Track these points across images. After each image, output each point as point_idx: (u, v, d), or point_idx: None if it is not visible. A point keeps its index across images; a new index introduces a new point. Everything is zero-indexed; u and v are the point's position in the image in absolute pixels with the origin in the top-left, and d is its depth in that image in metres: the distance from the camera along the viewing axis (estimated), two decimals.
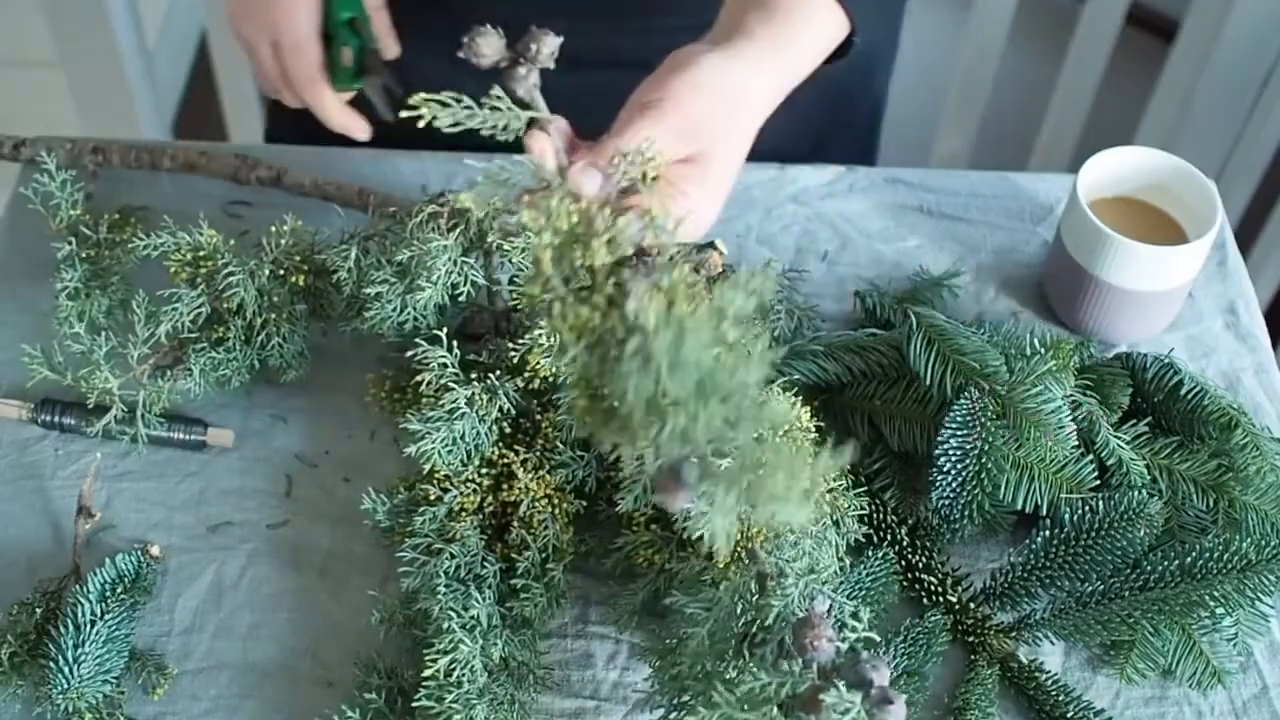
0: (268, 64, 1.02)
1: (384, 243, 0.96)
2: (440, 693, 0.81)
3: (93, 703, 0.85)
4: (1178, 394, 0.95)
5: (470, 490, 0.90)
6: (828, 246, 1.14)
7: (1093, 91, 2.05)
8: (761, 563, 0.77)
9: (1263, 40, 1.83)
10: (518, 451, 0.90)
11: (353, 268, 0.95)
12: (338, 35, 1.00)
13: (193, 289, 0.95)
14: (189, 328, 0.95)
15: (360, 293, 0.95)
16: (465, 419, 0.89)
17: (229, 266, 0.94)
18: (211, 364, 0.96)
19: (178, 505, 0.97)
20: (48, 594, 0.90)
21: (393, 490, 0.93)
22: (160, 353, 0.96)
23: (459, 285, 0.94)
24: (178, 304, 0.94)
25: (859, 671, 0.69)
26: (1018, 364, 0.93)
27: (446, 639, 0.82)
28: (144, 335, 0.94)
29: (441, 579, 0.85)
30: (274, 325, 0.97)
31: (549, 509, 0.90)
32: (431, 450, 0.88)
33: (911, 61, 2.26)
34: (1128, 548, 0.89)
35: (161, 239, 0.95)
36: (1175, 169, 1.06)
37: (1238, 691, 0.91)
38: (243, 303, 0.95)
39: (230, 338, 0.96)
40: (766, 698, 0.69)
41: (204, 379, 0.96)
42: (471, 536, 0.88)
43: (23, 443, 0.99)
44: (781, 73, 0.88)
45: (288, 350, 0.98)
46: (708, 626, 0.76)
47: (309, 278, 0.97)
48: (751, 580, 0.77)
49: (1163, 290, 1.03)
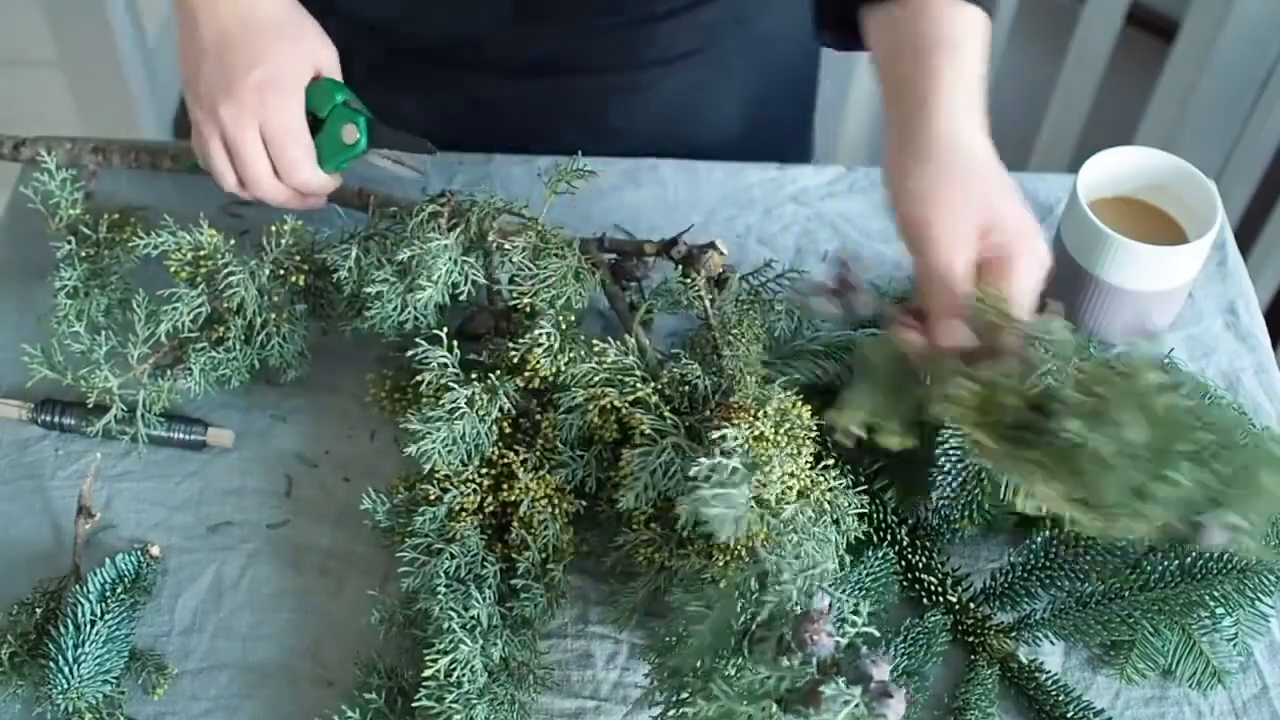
0: (250, 153, 0.96)
1: (384, 242, 0.96)
2: (440, 693, 0.81)
3: (93, 703, 0.85)
4: None
5: (470, 490, 0.90)
6: (828, 246, 1.14)
7: (1093, 91, 2.05)
8: (762, 561, 0.77)
9: (1263, 40, 1.83)
10: (518, 451, 0.90)
11: (353, 267, 0.95)
12: (334, 117, 0.98)
13: (193, 289, 0.95)
14: (189, 327, 0.95)
15: (361, 292, 0.95)
16: (465, 419, 0.89)
17: (229, 266, 0.94)
18: (211, 364, 0.96)
19: (178, 505, 0.97)
20: (48, 594, 0.90)
21: (393, 490, 0.93)
22: (160, 352, 0.96)
23: (459, 285, 0.94)
24: (178, 303, 0.94)
25: (859, 666, 0.70)
26: None
27: (447, 639, 0.82)
28: (144, 335, 0.94)
29: (442, 579, 0.85)
30: (274, 325, 0.97)
31: (549, 509, 0.90)
32: (432, 450, 0.88)
33: None
34: (1128, 548, 0.89)
35: (162, 238, 0.95)
36: (1175, 169, 1.06)
37: (1238, 691, 0.91)
38: (243, 302, 0.95)
39: (230, 337, 0.96)
40: (766, 692, 0.70)
41: (204, 378, 0.96)
42: (472, 536, 0.88)
43: (23, 443, 0.99)
44: (977, 95, 0.90)
45: (288, 350, 0.98)
46: (708, 624, 0.76)
47: (309, 277, 0.97)
48: (752, 578, 0.77)
49: (1163, 290, 1.03)
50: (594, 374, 0.90)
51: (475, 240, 0.95)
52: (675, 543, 0.88)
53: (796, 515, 0.83)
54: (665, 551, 0.89)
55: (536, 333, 0.90)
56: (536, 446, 0.91)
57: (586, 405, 0.90)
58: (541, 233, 0.96)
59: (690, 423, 0.87)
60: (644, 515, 0.89)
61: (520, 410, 0.92)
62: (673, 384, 0.90)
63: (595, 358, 0.90)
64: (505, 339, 0.95)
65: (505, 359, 0.92)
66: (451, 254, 0.93)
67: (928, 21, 0.90)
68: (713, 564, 0.84)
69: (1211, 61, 1.85)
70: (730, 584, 0.78)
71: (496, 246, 0.95)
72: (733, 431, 0.82)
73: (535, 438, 0.92)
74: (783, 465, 0.83)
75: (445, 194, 0.97)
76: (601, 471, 0.92)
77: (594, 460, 0.91)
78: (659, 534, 0.89)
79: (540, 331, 0.90)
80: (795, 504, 0.83)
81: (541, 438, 0.91)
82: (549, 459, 0.90)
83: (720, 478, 0.80)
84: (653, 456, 0.86)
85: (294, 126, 0.96)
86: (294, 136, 0.96)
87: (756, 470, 0.82)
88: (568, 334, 0.92)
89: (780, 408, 0.85)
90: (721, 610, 0.77)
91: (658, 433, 0.87)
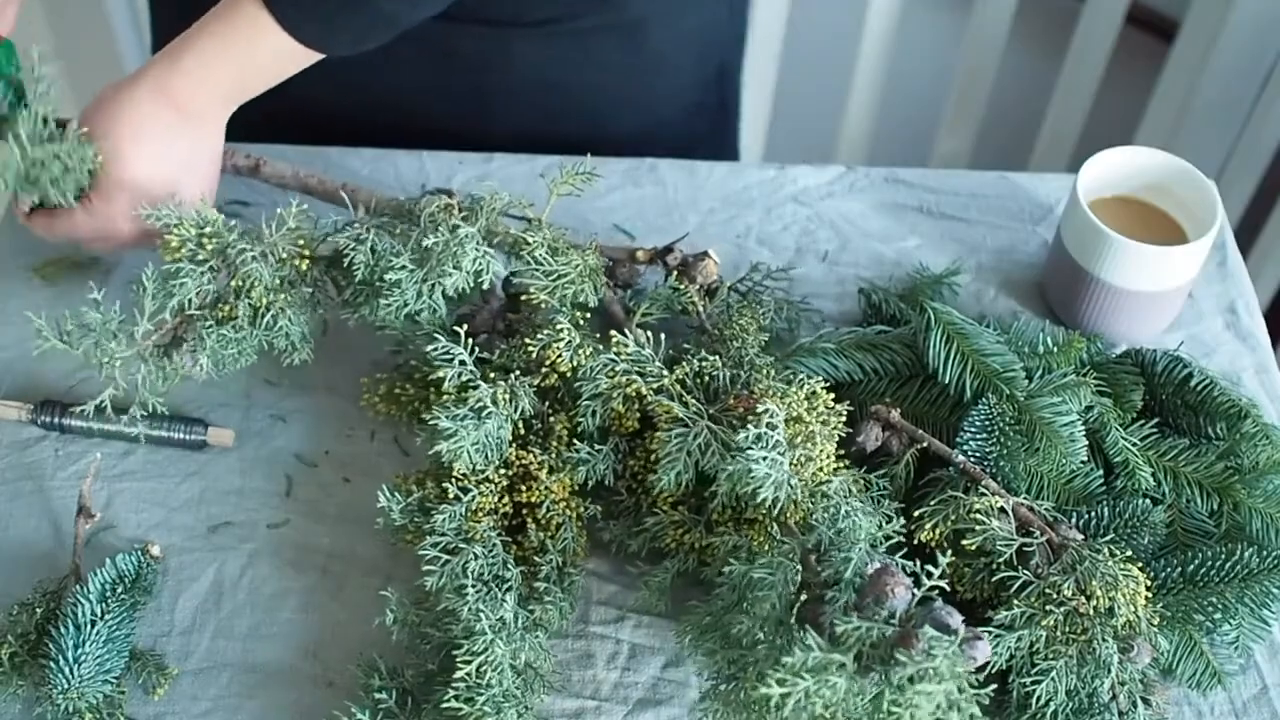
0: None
1: (396, 230, 0.95)
2: (471, 694, 0.81)
3: (93, 703, 0.85)
4: (1187, 386, 0.95)
5: (489, 490, 0.89)
6: (828, 246, 1.14)
7: (1093, 91, 2.05)
8: (818, 527, 0.81)
9: (1263, 40, 1.83)
10: (534, 453, 0.90)
11: (368, 253, 0.94)
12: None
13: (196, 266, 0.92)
14: (195, 304, 0.92)
15: (377, 280, 0.94)
16: (493, 418, 0.89)
17: (240, 245, 0.92)
18: (220, 342, 0.93)
19: (178, 505, 0.97)
20: (48, 594, 0.90)
21: (405, 488, 0.92)
22: (163, 329, 0.93)
23: (483, 273, 0.93)
24: (185, 279, 0.91)
25: (936, 617, 0.73)
26: (1034, 366, 0.94)
27: (479, 640, 0.82)
28: (150, 309, 0.91)
29: (469, 579, 0.85)
30: (282, 306, 0.94)
31: (567, 512, 0.90)
32: (462, 448, 0.88)
33: (912, 61, 2.27)
34: (1132, 555, 0.89)
35: (164, 211, 0.93)
36: (1175, 169, 1.06)
37: (1238, 691, 0.91)
38: (254, 283, 0.92)
39: (239, 316, 0.93)
40: (858, 640, 0.72)
41: (211, 358, 0.93)
42: (493, 537, 0.88)
43: (23, 443, 0.99)
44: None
45: (294, 332, 0.95)
46: (775, 590, 0.78)
47: (310, 265, 0.96)
48: (806, 545, 0.79)
49: (1163, 290, 1.03)
50: (614, 364, 0.90)
51: (486, 236, 0.95)
52: (705, 525, 0.89)
53: (845, 487, 0.84)
54: (695, 533, 0.89)
55: (559, 328, 0.90)
56: (550, 448, 0.91)
57: (610, 394, 0.90)
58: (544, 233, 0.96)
59: (712, 411, 0.88)
60: (671, 498, 0.90)
61: (534, 412, 0.92)
62: (691, 374, 0.90)
63: (615, 348, 0.90)
64: (511, 337, 0.95)
65: (521, 357, 0.92)
66: (476, 242, 0.93)
67: None
68: (752, 539, 0.85)
69: (1211, 61, 1.85)
70: (786, 551, 0.79)
71: (515, 241, 0.95)
72: (774, 406, 0.83)
73: (548, 439, 0.92)
74: (826, 442, 0.85)
75: (439, 191, 0.97)
76: (619, 463, 0.92)
77: (611, 453, 0.91)
78: (688, 515, 0.90)
79: (561, 327, 0.90)
80: (842, 476, 0.85)
81: (555, 439, 0.91)
82: (564, 460, 0.91)
83: (768, 441, 0.82)
84: (689, 438, 0.86)
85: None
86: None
87: (797, 448, 0.83)
88: (582, 331, 0.92)
89: (810, 392, 0.86)
90: (782, 580, 0.77)
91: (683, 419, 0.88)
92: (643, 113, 1.25)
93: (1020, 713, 0.85)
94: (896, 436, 0.92)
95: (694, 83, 1.29)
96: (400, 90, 1.19)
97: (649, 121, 1.26)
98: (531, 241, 0.94)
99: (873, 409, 0.92)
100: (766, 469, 0.81)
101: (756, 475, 0.81)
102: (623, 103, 1.24)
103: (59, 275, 1.07)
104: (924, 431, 0.92)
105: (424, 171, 1.16)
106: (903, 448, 0.91)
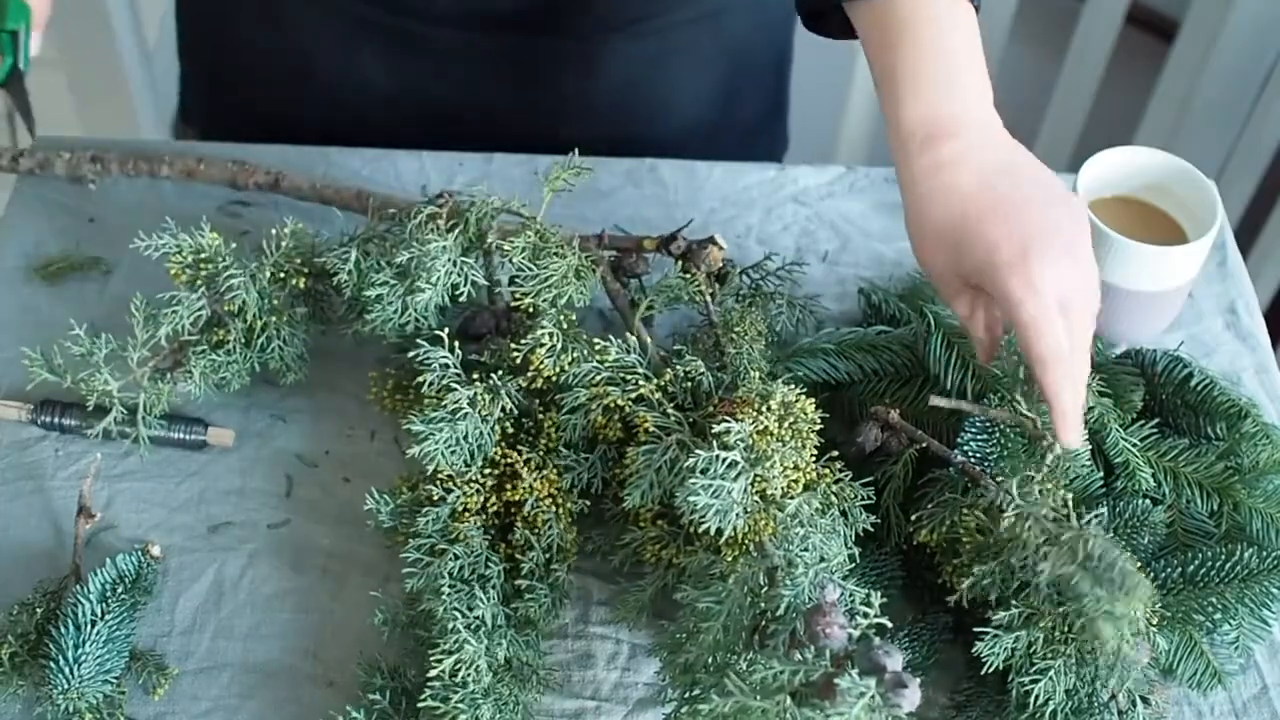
0: None
1: (383, 244, 0.96)
2: (446, 693, 0.81)
3: (93, 703, 0.85)
4: (1187, 386, 0.95)
5: (474, 490, 0.90)
6: (828, 246, 1.14)
7: (1093, 91, 2.05)
8: (771, 555, 0.77)
9: (1263, 40, 1.83)
10: (520, 451, 0.90)
11: (353, 270, 0.95)
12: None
13: (192, 292, 0.94)
14: (189, 330, 0.94)
15: (360, 295, 0.95)
16: (468, 419, 0.89)
17: (229, 269, 0.94)
18: (212, 366, 0.96)
19: (178, 505, 0.97)
20: (48, 594, 0.90)
21: (395, 491, 0.93)
22: (160, 356, 0.96)
23: (459, 286, 0.94)
24: (178, 306, 0.94)
25: (872, 657, 0.69)
26: None
27: (451, 639, 0.82)
28: (143, 338, 0.93)
29: (445, 580, 0.85)
30: (274, 328, 0.97)
31: (553, 508, 0.90)
32: (434, 451, 0.88)
33: None
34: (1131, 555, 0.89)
35: (163, 240, 0.94)
36: (1175, 169, 1.06)
37: (1238, 691, 0.91)
38: (244, 305, 0.94)
39: (230, 340, 0.96)
40: (780, 686, 0.70)
41: (204, 381, 0.96)
42: (475, 537, 0.88)
43: (23, 443, 0.99)
44: (982, 74, 0.88)
45: (288, 353, 0.98)
46: (720, 619, 0.76)
47: (309, 280, 0.97)
48: (761, 572, 0.77)
49: (1163, 290, 1.03)
50: (596, 373, 0.90)
51: (474, 241, 0.95)
52: (683, 539, 0.89)
53: (802, 508, 0.83)
54: (673, 548, 0.89)
55: (539, 333, 0.90)
56: (539, 446, 0.91)
57: (589, 405, 0.90)
58: (541, 232, 0.96)
59: (695, 418, 0.88)
60: (650, 513, 0.89)
61: (522, 410, 0.92)
62: (676, 380, 0.90)
63: (597, 356, 0.90)
64: (507, 338, 0.95)
65: (507, 359, 0.92)
66: (450, 255, 0.93)
67: (901, 4, 0.87)
68: (721, 559, 0.84)
69: (1211, 61, 1.85)
70: (740, 579, 0.78)
71: (495, 247, 0.95)
72: (736, 426, 0.83)
73: (538, 437, 0.92)
74: (785, 459, 0.83)
75: (444, 195, 0.97)
76: (607, 471, 0.92)
77: (599, 461, 0.91)
78: (666, 531, 0.89)
79: (543, 331, 0.90)
80: (800, 497, 0.83)
81: (544, 437, 0.91)
82: (552, 459, 0.90)
83: (716, 470, 0.81)
84: (657, 454, 0.86)
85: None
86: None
87: (759, 464, 0.82)
88: (569, 333, 0.92)
89: (784, 401, 0.85)
90: (732, 605, 0.77)
91: (662, 430, 0.87)
92: (716, 106, 1.25)
93: (1019, 712, 0.85)
94: (896, 437, 0.91)
95: (763, 72, 1.30)
96: (474, 102, 1.19)
97: (720, 115, 1.25)
98: (509, 247, 0.94)
99: (872, 409, 0.92)
100: (709, 499, 0.80)
101: (696, 504, 0.80)
102: (699, 96, 1.24)
103: (59, 275, 1.07)
104: (923, 432, 0.92)
105: (424, 172, 1.16)
106: (902, 448, 0.91)
